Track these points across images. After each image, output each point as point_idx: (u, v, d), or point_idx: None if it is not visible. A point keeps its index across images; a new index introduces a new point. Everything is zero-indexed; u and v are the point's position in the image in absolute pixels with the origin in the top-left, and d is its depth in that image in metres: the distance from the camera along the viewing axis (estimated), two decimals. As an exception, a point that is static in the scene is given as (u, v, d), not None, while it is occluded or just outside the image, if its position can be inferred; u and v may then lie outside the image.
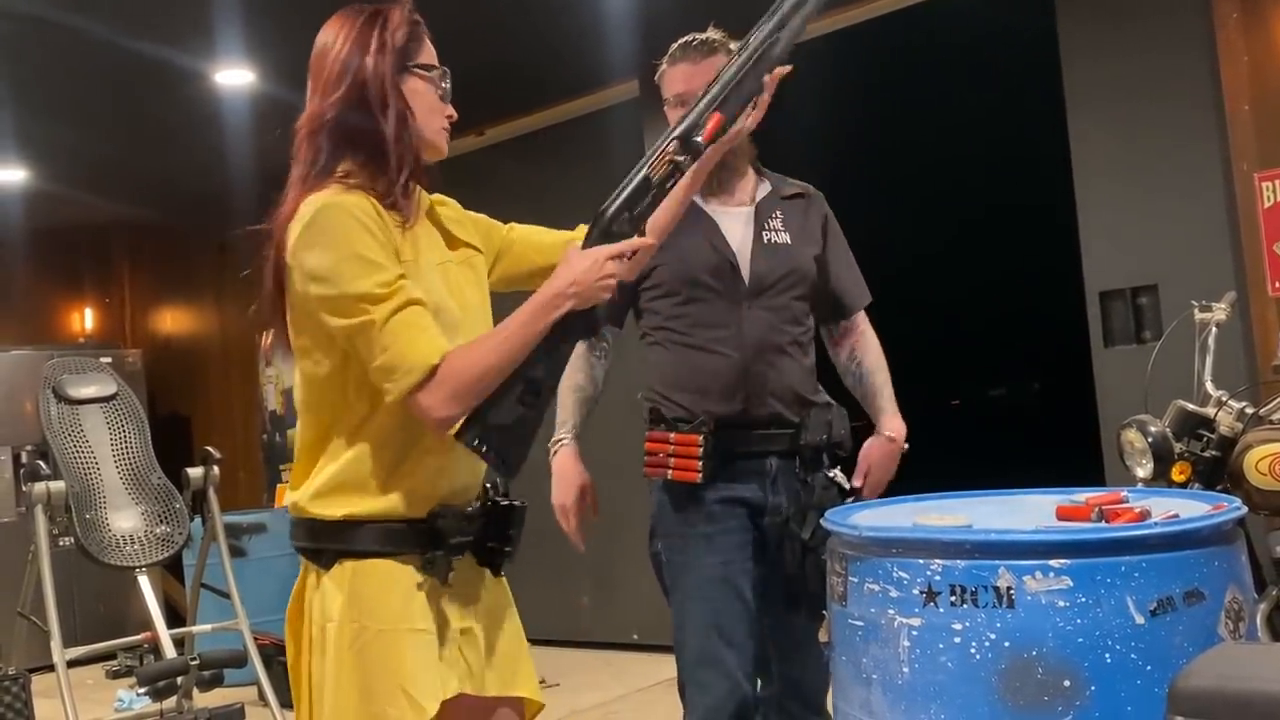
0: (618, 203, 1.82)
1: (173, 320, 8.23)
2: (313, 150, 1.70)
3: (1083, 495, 1.93)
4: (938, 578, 1.64)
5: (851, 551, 1.80)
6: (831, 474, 2.39)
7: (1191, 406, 2.93)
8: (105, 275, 8.43)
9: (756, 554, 2.38)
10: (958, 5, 4.66)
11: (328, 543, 1.68)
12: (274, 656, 4.84)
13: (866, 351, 2.58)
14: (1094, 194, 4.19)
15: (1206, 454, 2.84)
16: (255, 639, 4.18)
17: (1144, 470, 2.87)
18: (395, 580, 1.67)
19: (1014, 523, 1.85)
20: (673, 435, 2.34)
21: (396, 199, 1.69)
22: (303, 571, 1.74)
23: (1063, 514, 1.83)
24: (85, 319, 8.39)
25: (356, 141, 1.70)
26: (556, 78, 5.32)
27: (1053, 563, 1.58)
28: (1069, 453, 4.47)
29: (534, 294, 1.71)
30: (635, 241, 1.80)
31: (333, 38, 1.74)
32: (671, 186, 1.85)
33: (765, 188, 2.50)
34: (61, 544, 4.19)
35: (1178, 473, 2.83)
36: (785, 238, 2.45)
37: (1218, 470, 2.81)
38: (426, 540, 1.68)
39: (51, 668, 3.79)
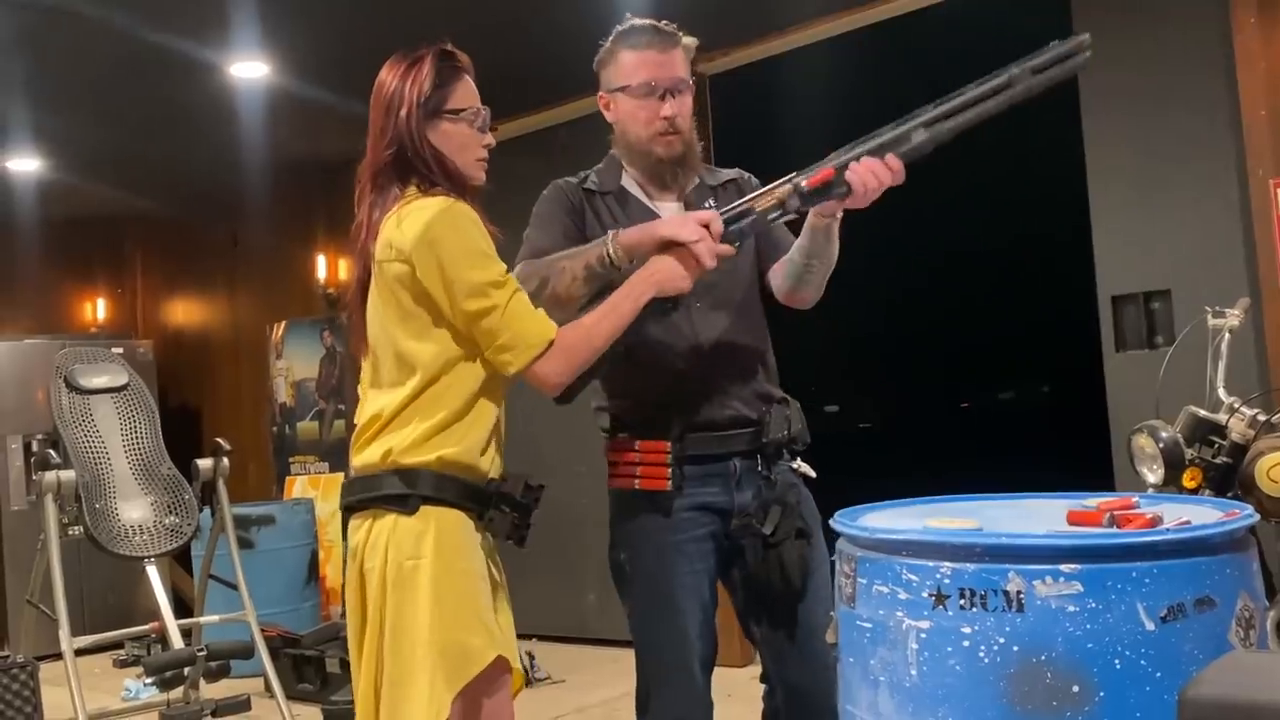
0: None
1: (184, 311, 8.25)
2: (379, 184, 1.97)
3: (1094, 500, 1.92)
4: (947, 580, 1.63)
5: (861, 553, 1.79)
6: (794, 465, 2.34)
7: (1203, 413, 2.92)
8: (117, 266, 8.46)
9: (727, 560, 2.33)
10: (971, 8, 4.65)
11: (415, 489, 1.89)
12: (281, 648, 4.85)
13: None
14: (1108, 198, 4.18)
15: (1218, 460, 2.83)
16: (262, 630, 4.20)
17: (1154, 476, 2.87)
18: (468, 529, 1.92)
19: (1024, 526, 1.84)
20: (638, 443, 2.28)
21: None
22: (364, 526, 1.93)
23: (1074, 519, 1.82)
24: (97, 309, 8.42)
25: (408, 179, 1.96)
26: (568, 75, 5.30)
27: (1063, 567, 1.57)
28: (1079, 457, 4.45)
29: (626, 281, 2.03)
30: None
31: (380, 85, 1.98)
32: (774, 219, 2.10)
33: (694, 180, 2.38)
34: (71, 533, 4.20)
35: (1188, 479, 2.82)
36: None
37: (1229, 477, 2.81)
38: (487, 499, 1.93)
39: (59, 656, 3.81)
